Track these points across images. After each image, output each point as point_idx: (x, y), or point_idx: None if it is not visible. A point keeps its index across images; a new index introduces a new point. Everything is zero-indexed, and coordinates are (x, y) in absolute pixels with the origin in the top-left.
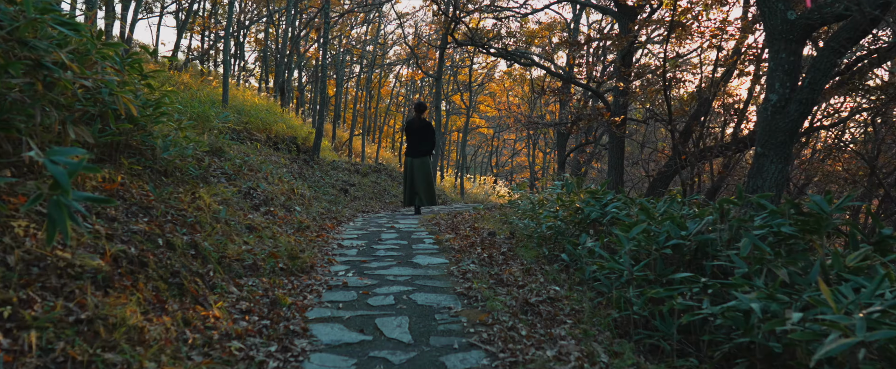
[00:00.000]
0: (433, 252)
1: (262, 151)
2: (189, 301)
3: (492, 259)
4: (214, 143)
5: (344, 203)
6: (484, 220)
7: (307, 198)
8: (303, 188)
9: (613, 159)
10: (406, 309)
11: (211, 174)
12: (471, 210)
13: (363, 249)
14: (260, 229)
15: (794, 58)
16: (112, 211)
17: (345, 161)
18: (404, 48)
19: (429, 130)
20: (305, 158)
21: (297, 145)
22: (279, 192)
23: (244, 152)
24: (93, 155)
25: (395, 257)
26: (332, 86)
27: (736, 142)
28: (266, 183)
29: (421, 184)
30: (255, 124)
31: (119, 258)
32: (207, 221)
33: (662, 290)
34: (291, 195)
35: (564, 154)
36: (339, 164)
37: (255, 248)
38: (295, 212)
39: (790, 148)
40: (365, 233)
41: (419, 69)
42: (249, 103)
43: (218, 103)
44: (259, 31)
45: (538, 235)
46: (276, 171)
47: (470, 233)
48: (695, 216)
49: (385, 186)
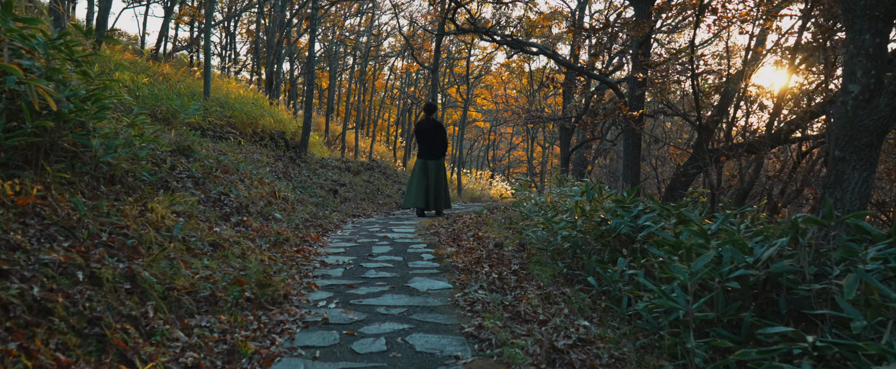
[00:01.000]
0: (433, 272)
1: (243, 148)
2: (111, 359)
3: (503, 281)
4: (182, 141)
5: (333, 206)
6: (488, 226)
7: (291, 201)
8: (286, 190)
9: (629, 157)
10: (401, 359)
11: (174, 178)
12: (471, 212)
13: (350, 269)
14: (227, 246)
15: (879, 39)
16: (17, 235)
17: (335, 158)
18: (399, 39)
19: (440, 131)
20: (292, 156)
21: (285, 141)
22: (258, 197)
23: (220, 150)
24: None
25: (389, 279)
26: (325, 78)
27: (771, 137)
28: (243, 186)
29: (433, 189)
30: (240, 118)
31: (11, 305)
32: (156, 241)
33: (753, 352)
34: (272, 199)
35: (568, 150)
36: (328, 162)
37: (217, 273)
38: (274, 221)
39: (877, 152)
40: (354, 245)
41: (415, 60)
42: (235, 96)
43: (199, 96)
44: (251, 22)
45: (553, 248)
46: (257, 172)
47: (474, 245)
48: (755, 235)
49: (378, 185)
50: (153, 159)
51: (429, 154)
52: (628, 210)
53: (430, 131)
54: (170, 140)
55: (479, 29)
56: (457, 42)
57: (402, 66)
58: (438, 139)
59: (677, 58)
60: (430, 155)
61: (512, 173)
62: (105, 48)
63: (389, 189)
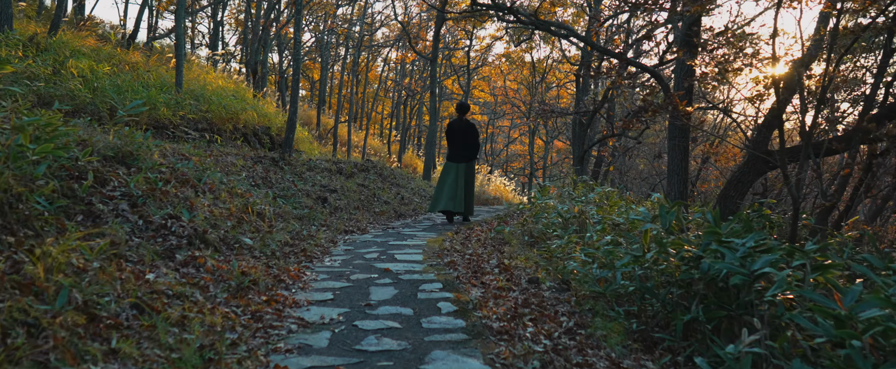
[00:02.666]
0: (459, 338)
1: (214, 150)
2: None
3: (558, 351)
4: (122, 146)
5: (321, 218)
6: (510, 246)
7: (268, 217)
8: (264, 202)
9: (675, 160)
10: None
11: (103, 200)
12: (480, 219)
13: (340, 333)
14: (159, 307)
15: None
16: None
17: (325, 158)
18: (393, 28)
19: (472, 132)
20: (275, 157)
21: (270, 137)
22: (224, 215)
23: (181, 154)
24: None
25: (396, 355)
26: (316, 70)
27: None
28: (205, 201)
29: (462, 193)
30: (217, 113)
31: None
32: (27, 317)
33: None
34: (244, 216)
35: (583, 148)
36: (317, 164)
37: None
38: (240, 252)
39: None
40: (346, 285)
41: (412, 49)
42: (213, 87)
43: (170, 87)
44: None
45: (611, 291)
46: (227, 180)
47: (502, 282)
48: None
49: (374, 190)
50: (69, 174)
51: (460, 156)
52: (730, 247)
53: (462, 132)
54: (106, 144)
55: (498, 6)
56: (454, 31)
57: (396, 56)
58: (470, 141)
59: (741, 39)
60: (462, 157)
61: (508, 167)
62: (65, 34)
63: (386, 194)
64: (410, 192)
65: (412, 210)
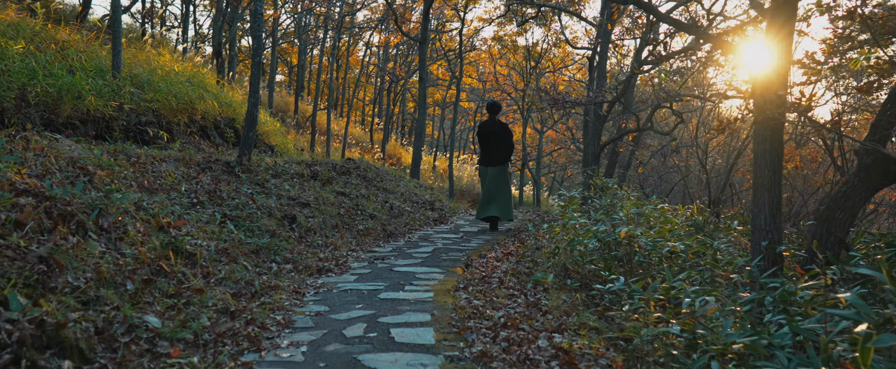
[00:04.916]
0: None
1: (141, 156)
2: None
3: None
4: None
5: (286, 250)
6: (551, 299)
7: (204, 259)
8: (204, 232)
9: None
10: None
11: None
12: (489, 238)
13: None
14: None
15: None
16: None
17: (296, 160)
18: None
19: (505, 134)
20: (230, 162)
21: (235, 131)
22: (122, 272)
23: (80, 166)
24: None
25: None
26: (294, 54)
27: None
28: (97, 245)
29: (498, 198)
30: (167, 103)
31: None
32: None
33: None
34: (162, 265)
35: (599, 144)
36: (285, 168)
37: None
38: (129, 354)
39: None
40: None
41: (398, 29)
42: (164, 72)
43: (107, 71)
44: None
45: None
46: (149, 203)
47: None
48: None
49: (357, 200)
50: None
51: (490, 160)
52: None
53: (496, 134)
54: None
55: None
56: (442, 12)
57: (380, 39)
58: (503, 143)
59: None
60: (496, 160)
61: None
62: None
63: (372, 204)
64: (400, 199)
65: (404, 225)
